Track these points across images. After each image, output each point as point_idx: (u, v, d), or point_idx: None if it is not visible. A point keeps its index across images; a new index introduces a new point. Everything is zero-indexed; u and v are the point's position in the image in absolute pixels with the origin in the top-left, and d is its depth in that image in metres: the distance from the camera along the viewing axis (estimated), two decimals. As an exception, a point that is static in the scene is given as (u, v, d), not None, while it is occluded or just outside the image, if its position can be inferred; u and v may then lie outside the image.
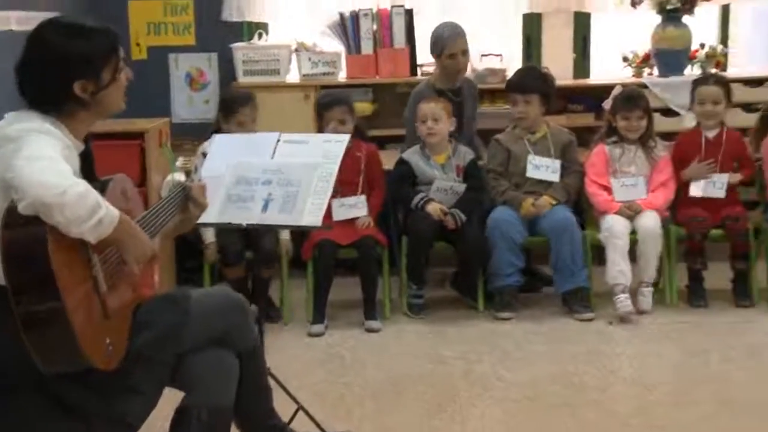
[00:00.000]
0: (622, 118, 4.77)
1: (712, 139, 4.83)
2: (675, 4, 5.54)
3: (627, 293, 4.50)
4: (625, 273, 4.53)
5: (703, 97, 4.81)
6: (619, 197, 4.73)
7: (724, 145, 4.81)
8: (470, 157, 4.82)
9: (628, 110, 4.77)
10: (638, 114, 4.77)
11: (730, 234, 4.68)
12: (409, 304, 4.74)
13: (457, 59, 4.94)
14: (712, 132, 4.84)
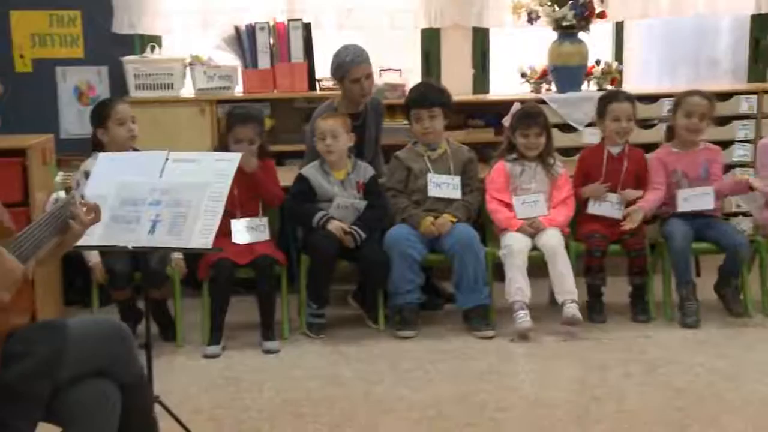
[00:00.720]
0: (521, 135, 4.77)
1: (615, 155, 4.85)
2: (571, 21, 5.58)
3: (526, 310, 4.48)
4: (524, 290, 4.52)
5: (618, 114, 4.82)
6: (521, 214, 4.72)
7: (626, 162, 4.83)
8: (370, 173, 4.76)
9: (527, 127, 4.77)
10: (536, 131, 4.77)
11: (627, 250, 4.71)
12: (308, 323, 4.64)
13: (361, 84, 4.88)
14: (617, 149, 4.86)
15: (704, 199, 4.75)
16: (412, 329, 4.59)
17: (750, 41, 6.09)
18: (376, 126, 5.11)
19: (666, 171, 4.81)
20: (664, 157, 4.85)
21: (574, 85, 5.76)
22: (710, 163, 4.83)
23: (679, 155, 4.81)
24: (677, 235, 4.64)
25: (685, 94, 4.86)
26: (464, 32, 5.96)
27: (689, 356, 4.20)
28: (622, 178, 4.83)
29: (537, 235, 4.66)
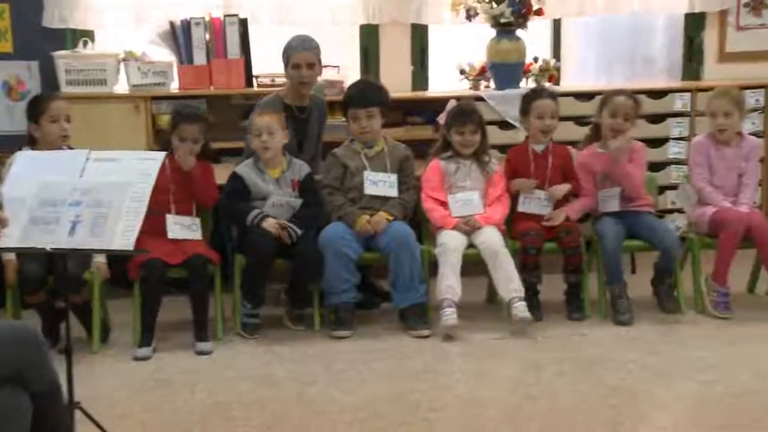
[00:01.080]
0: (456, 132, 4.75)
1: (540, 153, 4.85)
2: (508, 18, 5.58)
3: (453, 308, 4.46)
4: (454, 288, 4.50)
5: (542, 111, 4.83)
6: (456, 212, 4.70)
7: (551, 159, 4.84)
8: (306, 171, 4.71)
9: (462, 125, 4.75)
10: (471, 129, 4.75)
11: (563, 248, 4.71)
12: (242, 323, 4.58)
13: (301, 70, 4.84)
14: (541, 146, 4.86)
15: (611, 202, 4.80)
16: (347, 329, 4.55)
17: (684, 40, 6.15)
18: (319, 124, 5.08)
19: (593, 175, 4.81)
20: (589, 161, 4.85)
21: (512, 82, 5.76)
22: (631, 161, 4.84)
23: (604, 156, 4.82)
24: (608, 235, 4.67)
25: (611, 93, 4.89)
26: (403, 29, 5.93)
27: (622, 353, 4.21)
28: (549, 174, 4.83)
29: (474, 233, 4.64)
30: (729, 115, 4.78)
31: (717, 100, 4.84)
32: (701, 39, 6.11)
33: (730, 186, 4.83)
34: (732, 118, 4.79)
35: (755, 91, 5.75)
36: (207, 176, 4.65)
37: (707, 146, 4.85)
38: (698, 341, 4.36)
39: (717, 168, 4.84)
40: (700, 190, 4.84)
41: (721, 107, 4.79)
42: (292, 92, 4.93)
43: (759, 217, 4.79)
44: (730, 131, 4.81)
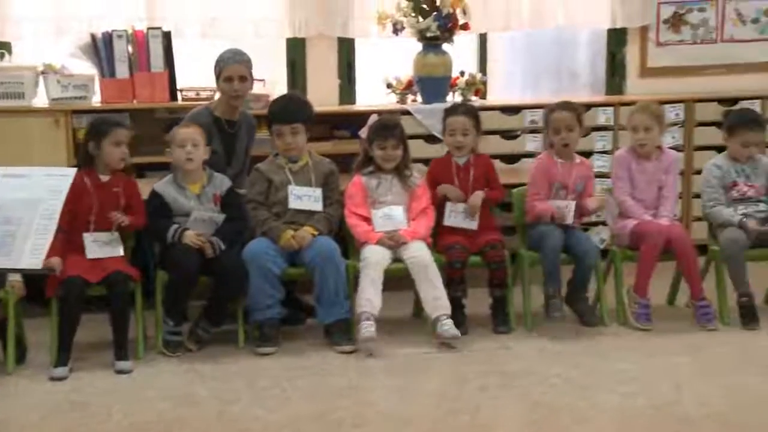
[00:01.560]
0: (379, 147, 4.74)
1: (462, 165, 4.87)
2: (435, 32, 5.60)
3: (371, 321, 4.44)
4: (372, 301, 4.47)
5: (453, 128, 4.85)
6: (380, 228, 4.68)
7: (473, 171, 4.85)
8: (227, 185, 4.66)
9: (384, 139, 4.74)
10: (393, 143, 4.75)
11: (488, 262, 4.72)
12: (165, 341, 4.49)
13: (233, 83, 4.81)
14: (462, 159, 4.88)
15: (568, 212, 4.81)
16: (272, 345, 4.49)
17: (607, 55, 6.24)
18: (248, 139, 5.04)
19: (549, 181, 4.83)
20: (548, 166, 4.86)
21: (439, 96, 5.78)
22: (586, 180, 4.89)
23: (561, 165, 4.85)
24: (551, 235, 4.68)
25: (549, 110, 4.90)
26: (330, 42, 5.93)
27: (546, 367, 4.22)
28: (471, 186, 4.84)
29: (400, 248, 4.62)
30: (649, 130, 4.84)
31: (637, 114, 4.90)
32: (623, 54, 6.21)
33: (650, 199, 4.89)
34: (652, 133, 4.85)
35: (675, 105, 5.85)
36: (133, 195, 4.56)
37: (628, 160, 4.91)
38: (620, 353, 4.40)
39: (638, 181, 4.89)
40: (621, 203, 4.89)
41: (642, 122, 4.85)
42: (223, 105, 4.89)
43: (679, 230, 4.85)
44: (650, 145, 4.87)
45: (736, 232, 4.72)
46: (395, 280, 4.65)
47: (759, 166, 4.89)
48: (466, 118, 4.84)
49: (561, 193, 4.83)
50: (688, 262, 4.74)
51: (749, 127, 4.83)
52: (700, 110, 5.89)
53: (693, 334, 4.62)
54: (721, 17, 6.18)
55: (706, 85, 6.17)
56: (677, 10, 6.15)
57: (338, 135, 5.76)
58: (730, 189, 4.86)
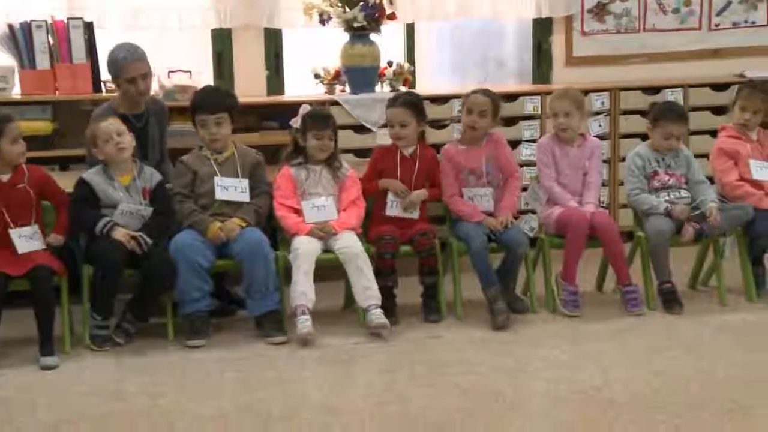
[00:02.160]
0: (314, 137, 4.71)
1: (408, 156, 4.87)
2: (361, 22, 5.59)
3: (307, 315, 4.43)
4: (307, 294, 4.47)
5: (390, 120, 4.86)
6: (310, 219, 4.67)
7: (418, 163, 4.85)
8: (157, 179, 4.61)
9: (320, 129, 4.71)
10: (329, 133, 4.73)
11: (418, 250, 4.73)
12: (92, 335, 4.43)
13: (137, 83, 4.74)
14: (408, 150, 4.88)
15: (485, 200, 4.84)
16: (201, 338, 4.45)
17: (533, 44, 6.29)
18: (160, 129, 4.96)
19: (456, 171, 4.86)
20: (451, 154, 4.88)
21: (367, 86, 5.77)
22: (496, 158, 4.88)
23: (465, 152, 4.87)
24: (475, 238, 4.69)
25: (469, 93, 4.93)
26: (256, 33, 5.88)
27: (475, 355, 4.25)
28: (415, 178, 4.85)
29: (331, 239, 4.61)
30: (569, 115, 4.88)
31: (557, 100, 4.95)
32: (549, 44, 6.27)
33: (575, 185, 4.93)
34: (572, 118, 4.89)
35: (600, 94, 5.93)
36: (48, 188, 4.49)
37: (551, 146, 4.95)
38: (549, 340, 4.45)
39: (562, 167, 4.93)
40: (548, 188, 4.93)
41: (562, 107, 4.90)
42: (127, 102, 4.82)
43: (604, 217, 4.92)
44: (570, 131, 4.91)
45: (663, 222, 4.80)
46: (326, 271, 4.64)
47: (680, 156, 4.98)
48: (403, 109, 4.82)
49: (471, 179, 4.86)
50: (613, 249, 4.82)
51: (672, 119, 4.91)
52: (625, 99, 5.98)
53: (620, 320, 4.70)
54: (644, 7, 6.28)
55: (630, 73, 6.27)
56: (601, 0, 6.23)
57: (266, 126, 5.72)
58: (651, 178, 4.94)
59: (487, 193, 4.84)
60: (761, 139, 5.16)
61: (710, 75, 6.23)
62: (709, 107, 5.95)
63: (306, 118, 4.77)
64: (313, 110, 4.87)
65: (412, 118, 4.84)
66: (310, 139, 4.73)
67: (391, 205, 4.84)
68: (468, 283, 4.81)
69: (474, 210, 4.80)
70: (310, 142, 4.73)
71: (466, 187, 4.85)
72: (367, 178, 4.91)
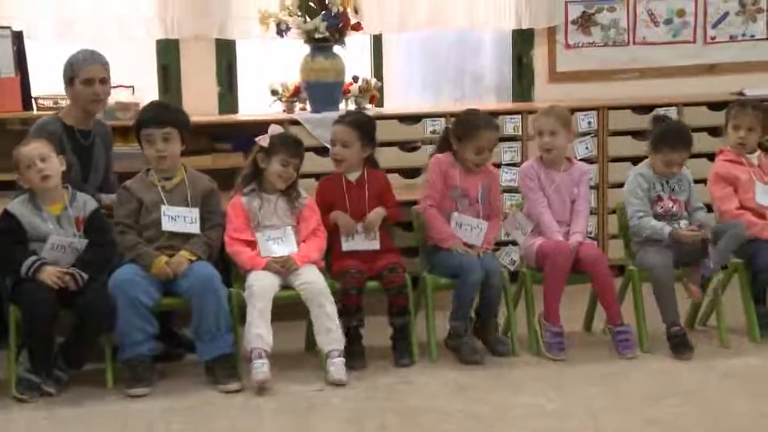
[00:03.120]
0: (280, 163, 4.70)
1: (354, 182, 4.89)
2: (323, 33, 5.62)
3: (264, 359, 4.42)
4: (264, 336, 4.45)
5: (333, 139, 4.91)
6: (266, 253, 4.66)
7: (368, 188, 4.88)
8: (92, 207, 4.58)
9: (289, 156, 4.71)
10: (296, 163, 4.75)
11: (387, 287, 4.74)
12: (19, 384, 4.36)
13: (94, 86, 4.77)
14: (354, 175, 4.90)
15: (475, 234, 4.88)
16: (144, 386, 4.42)
17: (513, 58, 6.37)
18: (105, 153, 4.96)
19: (446, 181, 4.87)
20: (448, 170, 4.88)
21: (330, 104, 5.81)
22: (490, 189, 4.95)
23: (462, 174, 4.90)
24: (473, 269, 4.71)
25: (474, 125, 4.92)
26: (207, 44, 5.92)
27: (449, 402, 4.26)
28: (367, 205, 4.87)
29: (291, 275, 4.61)
30: (555, 134, 4.93)
31: (542, 118, 4.99)
32: (530, 58, 6.34)
33: (562, 214, 4.96)
34: (558, 137, 4.93)
35: (587, 113, 6.01)
36: None
37: (536, 170, 4.99)
38: (532, 386, 4.46)
39: (547, 195, 4.96)
40: (540, 215, 4.94)
41: (547, 125, 4.93)
42: (77, 113, 4.81)
43: (592, 249, 4.96)
44: (556, 151, 4.95)
45: (665, 254, 4.83)
46: (285, 309, 4.63)
47: (683, 180, 5.00)
48: (347, 128, 4.86)
49: (464, 202, 4.89)
50: (603, 284, 4.85)
51: (676, 147, 4.92)
52: (614, 118, 6.05)
53: (611, 363, 4.72)
54: (633, 18, 6.37)
55: (619, 90, 6.36)
56: (586, 10, 6.32)
57: (219, 148, 5.73)
58: (654, 203, 4.97)
59: (481, 227, 4.89)
60: (763, 165, 5.22)
61: (706, 93, 6.33)
62: (705, 128, 6.01)
63: (275, 140, 4.76)
64: (286, 133, 4.88)
65: (356, 139, 4.86)
66: (273, 163, 4.72)
67: (346, 239, 4.85)
68: (443, 322, 4.82)
69: (450, 235, 4.83)
70: (273, 166, 4.72)
71: (458, 211, 4.88)
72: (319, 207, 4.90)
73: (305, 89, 5.82)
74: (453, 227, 4.88)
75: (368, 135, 4.91)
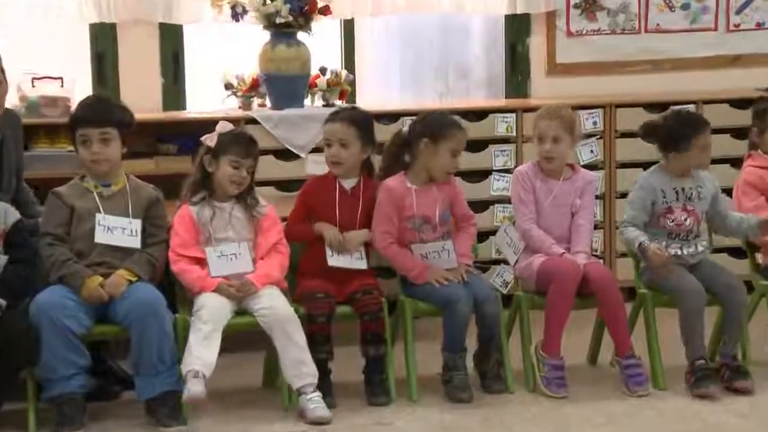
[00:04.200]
0: (230, 165, 4.68)
1: (349, 191, 4.88)
2: (286, 18, 5.61)
3: (200, 377, 4.39)
4: (203, 358, 4.41)
5: (327, 138, 4.89)
6: (217, 272, 4.63)
7: (362, 200, 4.87)
8: (13, 218, 4.56)
9: (240, 156, 4.68)
10: (250, 164, 4.72)
11: (360, 312, 4.72)
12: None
13: None
14: (350, 182, 4.88)
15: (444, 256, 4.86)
16: (74, 428, 4.38)
17: (505, 47, 6.38)
18: (16, 150, 4.92)
19: (401, 217, 4.84)
20: (400, 196, 4.85)
21: (293, 100, 5.82)
22: (453, 203, 4.93)
23: (418, 193, 4.86)
24: (462, 297, 4.71)
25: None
26: (149, 30, 5.90)
27: (433, 448, 4.26)
28: (358, 220, 4.86)
29: (248, 298, 4.59)
30: (558, 141, 4.92)
31: (545, 121, 4.97)
32: (526, 47, 6.36)
33: (561, 229, 4.96)
34: (561, 145, 4.93)
35: (592, 111, 6.01)
36: None
37: (532, 179, 4.97)
38: (528, 427, 4.46)
39: (544, 206, 4.95)
40: (525, 232, 4.95)
41: (549, 130, 4.92)
42: None
43: (599, 269, 4.93)
44: (558, 160, 4.95)
45: (693, 280, 4.81)
46: (239, 339, 4.60)
47: (704, 185, 4.97)
48: (346, 126, 4.84)
49: (426, 229, 4.87)
50: (612, 311, 4.83)
51: (698, 128, 4.91)
52: (623, 117, 6.06)
53: (619, 402, 4.71)
54: (645, 1, 6.39)
55: (628, 85, 6.38)
56: (591, -8, 6.36)
57: (163, 150, 5.72)
58: (662, 216, 4.94)
59: (447, 247, 4.86)
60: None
61: (729, 88, 6.37)
62: (728, 129, 6.03)
63: (223, 139, 4.74)
64: (235, 130, 4.85)
65: (356, 139, 4.85)
66: (223, 166, 4.70)
67: (331, 253, 4.83)
68: (424, 353, 4.82)
69: (423, 268, 4.81)
70: (223, 169, 4.70)
71: (419, 242, 4.85)
72: (295, 218, 4.90)
73: (264, 82, 5.80)
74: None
75: (368, 134, 4.91)
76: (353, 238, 4.84)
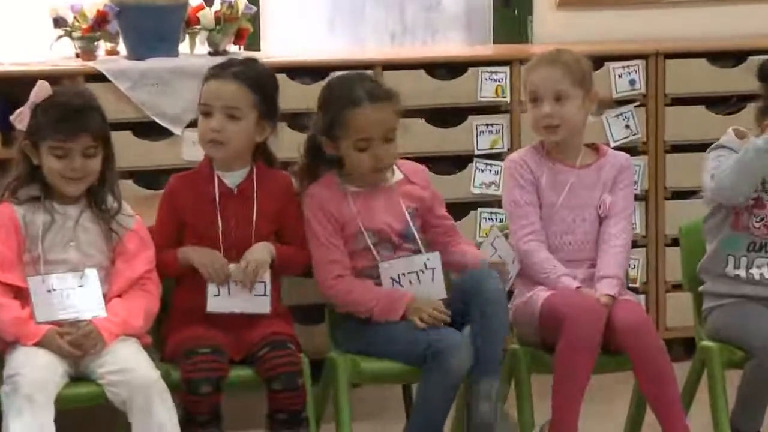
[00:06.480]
0: (52, 152, 4.68)
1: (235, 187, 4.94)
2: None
3: None
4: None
5: (206, 105, 4.95)
6: (46, 314, 4.64)
7: (257, 200, 4.92)
8: None
9: (66, 136, 4.66)
10: (86, 144, 4.70)
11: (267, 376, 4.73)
12: None
13: None
14: (235, 177, 4.95)
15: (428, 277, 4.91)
16: None
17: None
18: None
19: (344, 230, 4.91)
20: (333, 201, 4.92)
21: (162, 44, 6.00)
22: (427, 206, 5.00)
23: (362, 199, 4.93)
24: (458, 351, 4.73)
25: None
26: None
27: None
28: (254, 231, 4.90)
29: (91, 356, 4.62)
30: (562, 99, 4.96)
31: (539, 71, 5.03)
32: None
33: (580, 243, 5.03)
34: (568, 105, 4.96)
35: (627, 63, 6.08)
36: None
37: (535, 169, 5.02)
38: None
39: (553, 208, 5.01)
40: (524, 255, 4.99)
41: (548, 83, 4.97)
42: None
43: (633, 311, 4.92)
44: (565, 129, 4.98)
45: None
46: (78, 418, 4.65)
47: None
48: (233, 86, 4.88)
49: (385, 247, 4.92)
50: (655, 375, 4.87)
51: None
52: (676, 72, 6.13)
53: None
54: None
55: (681, 24, 6.47)
56: None
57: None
58: (745, 212, 4.95)
59: (432, 264, 4.91)
60: None
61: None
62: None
63: (38, 112, 4.75)
64: (58, 96, 4.83)
65: (250, 107, 4.88)
66: (45, 155, 4.71)
67: (215, 292, 4.86)
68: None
69: (392, 301, 4.85)
70: (47, 161, 4.71)
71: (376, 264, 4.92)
72: (159, 238, 4.92)
73: (116, 17, 5.81)
74: (387, 286, 4.90)
75: (270, 102, 4.95)
76: (255, 260, 4.85)
